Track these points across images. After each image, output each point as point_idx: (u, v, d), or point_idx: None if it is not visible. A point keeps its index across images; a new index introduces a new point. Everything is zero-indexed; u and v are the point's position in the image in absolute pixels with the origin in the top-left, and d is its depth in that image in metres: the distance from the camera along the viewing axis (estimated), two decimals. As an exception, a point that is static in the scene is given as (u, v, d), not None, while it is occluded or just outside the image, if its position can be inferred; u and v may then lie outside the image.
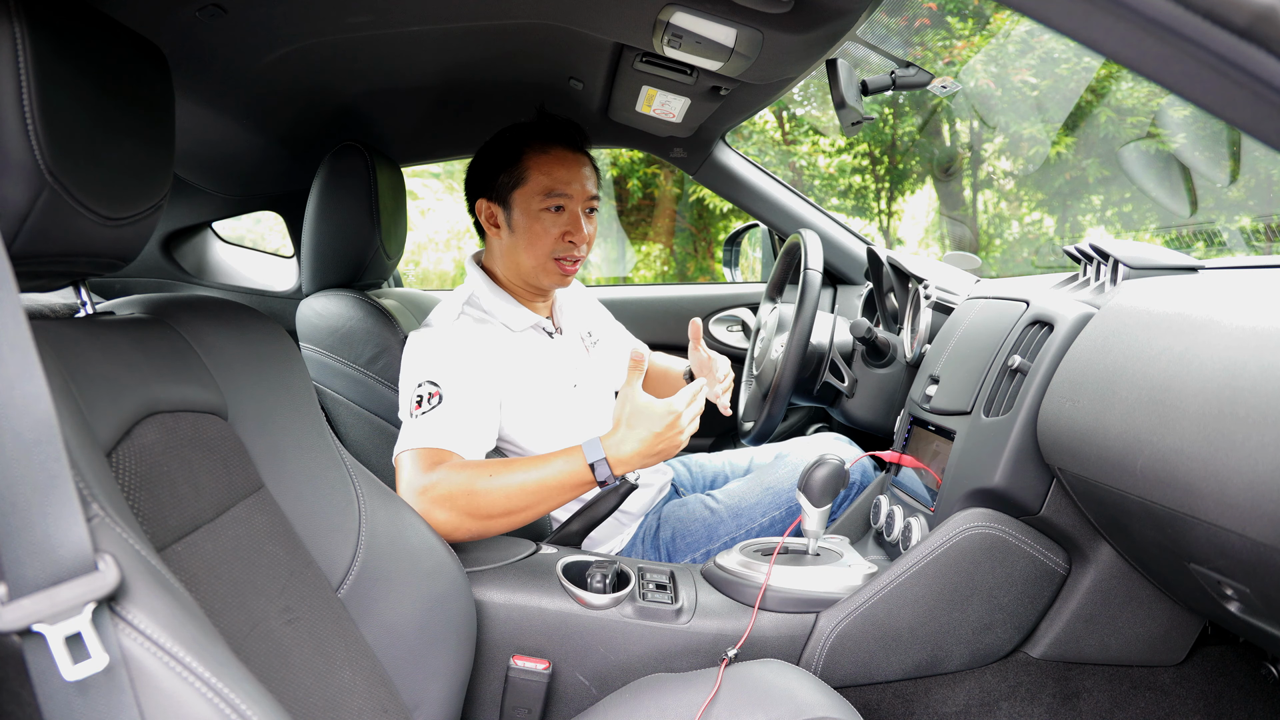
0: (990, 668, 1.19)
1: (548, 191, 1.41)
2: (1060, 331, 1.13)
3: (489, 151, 1.46)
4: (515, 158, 1.42)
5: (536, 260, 1.44)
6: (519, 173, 1.42)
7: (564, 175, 1.41)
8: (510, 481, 1.18)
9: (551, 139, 1.43)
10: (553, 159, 1.42)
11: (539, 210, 1.42)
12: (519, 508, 1.18)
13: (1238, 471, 0.74)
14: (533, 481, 1.18)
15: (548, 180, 1.41)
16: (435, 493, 1.17)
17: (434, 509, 1.16)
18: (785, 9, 1.07)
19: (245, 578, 0.77)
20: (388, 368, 1.53)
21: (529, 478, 1.18)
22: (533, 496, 1.18)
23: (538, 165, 1.41)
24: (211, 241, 2.27)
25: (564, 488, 1.19)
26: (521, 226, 1.43)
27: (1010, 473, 1.14)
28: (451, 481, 1.17)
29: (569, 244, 1.43)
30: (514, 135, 1.44)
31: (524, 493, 1.18)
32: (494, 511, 1.17)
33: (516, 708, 1.13)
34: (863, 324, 1.64)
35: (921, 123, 7.55)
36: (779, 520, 1.53)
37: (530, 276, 1.46)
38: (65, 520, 0.50)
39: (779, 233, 2.32)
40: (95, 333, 0.74)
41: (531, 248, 1.43)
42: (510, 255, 1.46)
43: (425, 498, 1.16)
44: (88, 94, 0.70)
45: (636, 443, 1.18)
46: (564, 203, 1.42)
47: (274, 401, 0.91)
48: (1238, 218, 4.70)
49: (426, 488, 1.17)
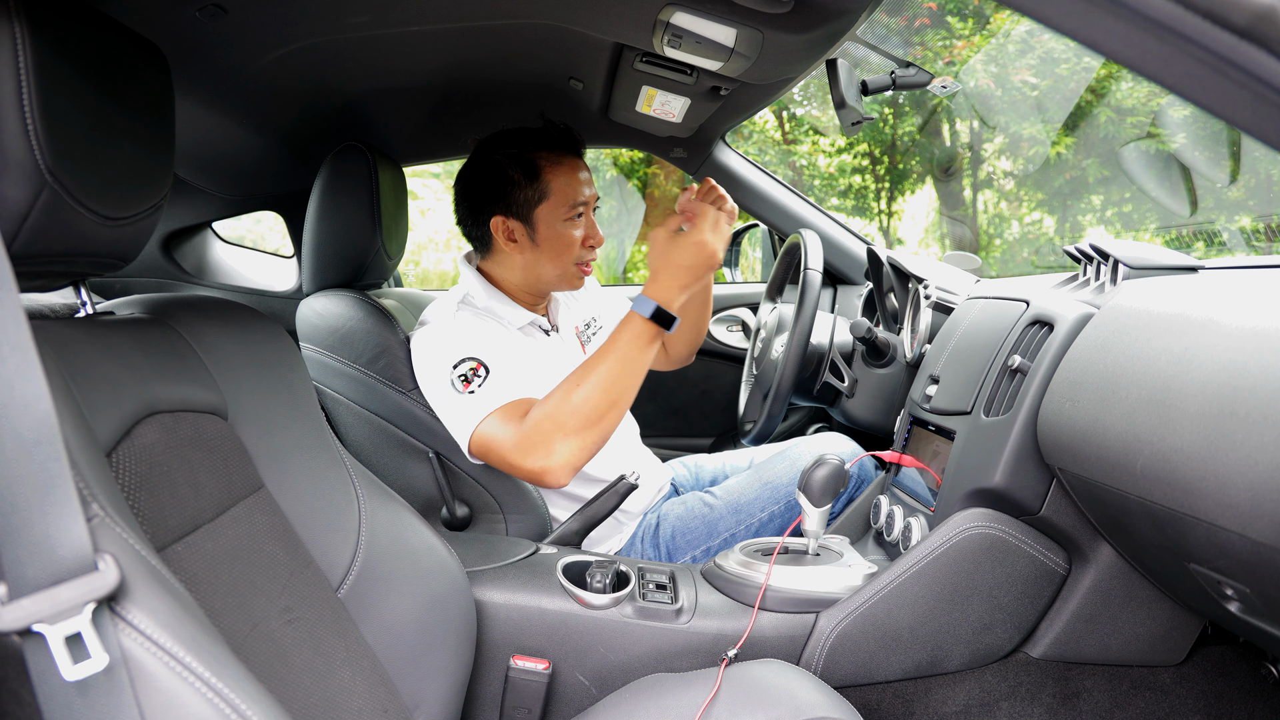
0: (990, 668, 1.19)
1: (572, 203, 1.43)
2: (1060, 331, 1.13)
3: (497, 169, 1.44)
4: (534, 173, 1.42)
5: (562, 268, 1.47)
6: (541, 188, 1.42)
7: (582, 185, 1.45)
8: (598, 375, 1.25)
9: (562, 148, 1.45)
10: (568, 170, 1.44)
11: (564, 220, 1.44)
12: (620, 392, 1.26)
13: (1238, 471, 0.74)
14: (615, 362, 1.25)
15: (572, 192, 1.43)
16: (541, 431, 1.24)
17: (553, 447, 1.23)
18: (785, 9, 1.07)
19: (245, 578, 0.77)
20: (388, 368, 1.53)
21: (610, 362, 1.25)
22: (623, 374, 1.25)
23: (558, 179, 1.43)
24: (211, 241, 2.27)
25: (642, 351, 1.26)
26: (548, 240, 1.45)
27: (1010, 473, 1.14)
28: (547, 412, 1.25)
29: (589, 249, 1.47)
30: (520, 150, 1.43)
31: (612, 376, 1.25)
32: (602, 409, 1.24)
33: (516, 708, 1.13)
34: (863, 324, 1.64)
35: (921, 123, 7.55)
36: (778, 515, 1.52)
37: (552, 285, 1.50)
38: (65, 520, 0.50)
39: (779, 233, 2.32)
40: (95, 333, 0.74)
41: (559, 258, 1.46)
42: (532, 269, 1.48)
43: (539, 445, 1.24)
44: (88, 94, 0.70)
45: (675, 279, 1.25)
46: (584, 210, 1.46)
47: (274, 401, 0.91)
48: (1238, 218, 4.71)
49: (530, 434, 1.25)
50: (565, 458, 1.24)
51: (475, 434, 1.31)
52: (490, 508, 1.51)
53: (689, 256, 1.24)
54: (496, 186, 1.45)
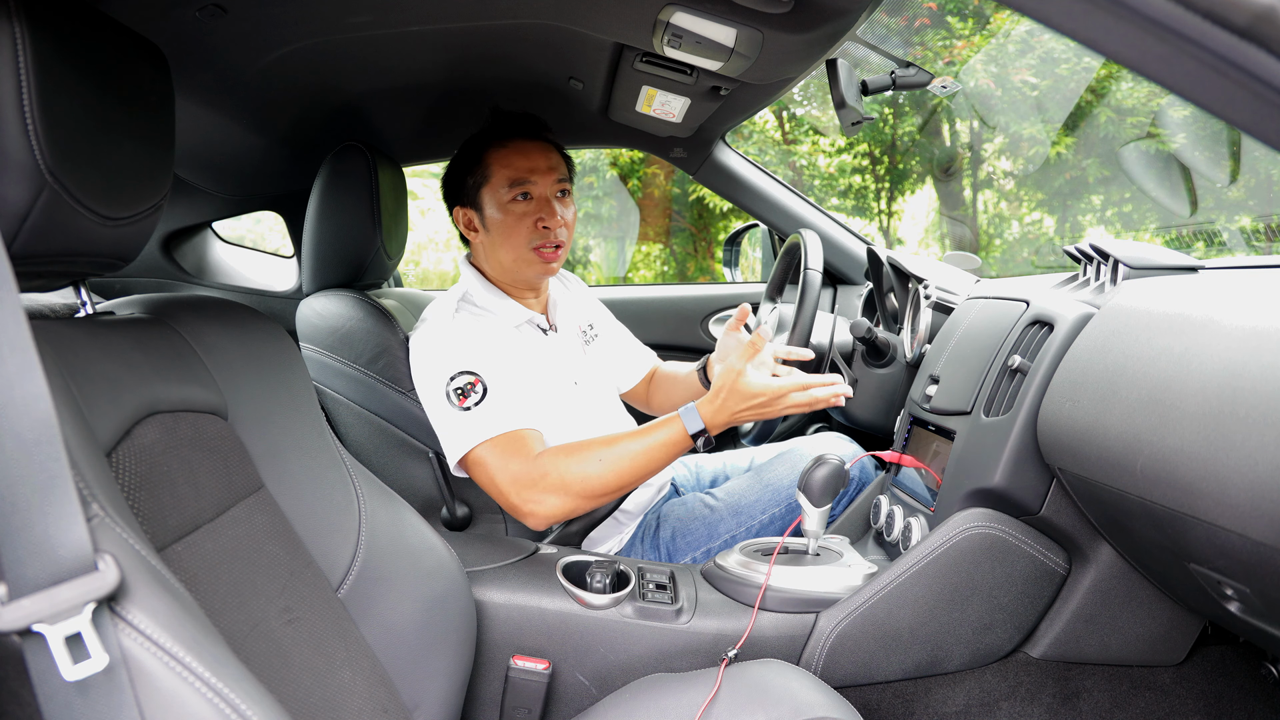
0: (990, 668, 1.19)
1: (511, 181, 1.44)
2: (1060, 331, 1.13)
3: (455, 162, 1.51)
4: (477, 159, 1.46)
5: (516, 252, 1.46)
6: (482, 171, 1.45)
7: (524, 163, 1.44)
8: (621, 461, 1.26)
9: (508, 133, 1.47)
10: (511, 150, 1.45)
11: (507, 202, 1.44)
12: (631, 481, 1.28)
13: (1238, 471, 0.74)
14: (643, 457, 1.26)
15: (509, 171, 1.44)
16: (547, 481, 1.26)
17: (548, 497, 1.26)
18: (785, 9, 1.07)
19: (245, 578, 0.77)
20: (388, 368, 1.53)
21: (637, 454, 1.26)
22: (644, 470, 1.27)
23: (497, 159, 1.45)
24: (211, 241, 2.27)
25: (668, 455, 1.27)
26: (495, 222, 1.46)
27: (1010, 473, 1.14)
28: (561, 468, 1.26)
29: (543, 230, 1.44)
30: (475, 141, 1.49)
31: (634, 468, 1.26)
32: (609, 490, 1.27)
33: (516, 708, 1.13)
34: (863, 324, 1.64)
35: (921, 123, 7.55)
36: (778, 517, 1.52)
37: (515, 270, 1.49)
38: (65, 520, 0.50)
39: (779, 233, 2.32)
40: (95, 333, 0.74)
41: (508, 240, 1.45)
42: (492, 254, 1.49)
43: (537, 489, 1.25)
44: (88, 94, 0.70)
45: (731, 413, 1.25)
46: (529, 189, 1.44)
47: (274, 401, 0.91)
48: (1238, 218, 4.71)
49: (536, 478, 1.26)
50: (551, 511, 1.27)
51: (470, 455, 1.31)
52: (490, 508, 1.51)
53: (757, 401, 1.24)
54: (454, 180, 1.51)
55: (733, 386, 1.24)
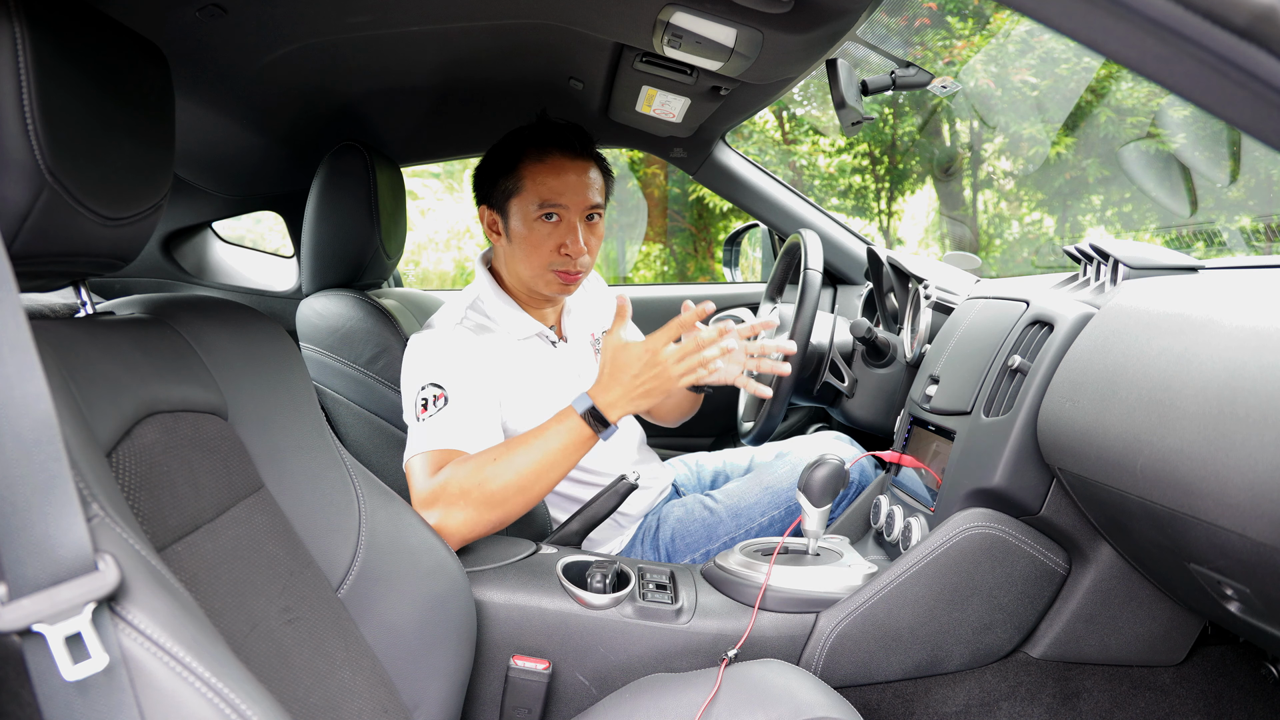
0: (990, 668, 1.19)
1: (541, 202, 1.38)
2: (1060, 331, 1.13)
3: (491, 157, 1.45)
4: (512, 165, 1.40)
5: (533, 270, 1.41)
6: (515, 181, 1.39)
7: (558, 185, 1.38)
8: (516, 460, 1.19)
9: (548, 145, 1.40)
10: (548, 168, 1.38)
11: (534, 220, 1.39)
12: (531, 483, 1.20)
13: (1238, 471, 0.74)
14: (538, 452, 1.20)
15: (542, 191, 1.38)
16: (447, 494, 1.18)
17: (451, 511, 1.18)
18: (785, 9, 1.07)
19: (245, 578, 0.77)
20: (388, 368, 1.53)
21: (532, 450, 1.20)
22: (541, 467, 1.20)
23: (532, 175, 1.38)
24: (211, 241, 2.27)
25: (568, 449, 1.21)
26: (519, 235, 1.41)
27: (1010, 473, 1.14)
28: (459, 478, 1.19)
29: (565, 256, 1.39)
30: (514, 141, 1.42)
31: (533, 466, 1.19)
32: (509, 494, 1.19)
33: (516, 708, 1.13)
34: (863, 324, 1.64)
35: (921, 123, 7.55)
36: (778, 520, 1.52)
37: (531, 284, 1.44)
38: (65, 520, 0.50)
39: (779, 233, 2.32)
40: (95, 333, 0.74)
41: (528, 258, 1.41)
42: (511, 263, 1.45)
43: (439, 504, 1.18)
44: (88, 94, 0.70)
45: (620, 385, 1.20)
46: (559, 213, 1.38)
47: (274, 401, 0.91)
48: (1238, 218, 4.71)
49: (436, 492, 1.19)
50: (457, 526, 1.18)
51: (408, 462, 1.27)
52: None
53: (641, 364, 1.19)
54: (486, 176, 1.45)
55: (613, 356, 1.20)
